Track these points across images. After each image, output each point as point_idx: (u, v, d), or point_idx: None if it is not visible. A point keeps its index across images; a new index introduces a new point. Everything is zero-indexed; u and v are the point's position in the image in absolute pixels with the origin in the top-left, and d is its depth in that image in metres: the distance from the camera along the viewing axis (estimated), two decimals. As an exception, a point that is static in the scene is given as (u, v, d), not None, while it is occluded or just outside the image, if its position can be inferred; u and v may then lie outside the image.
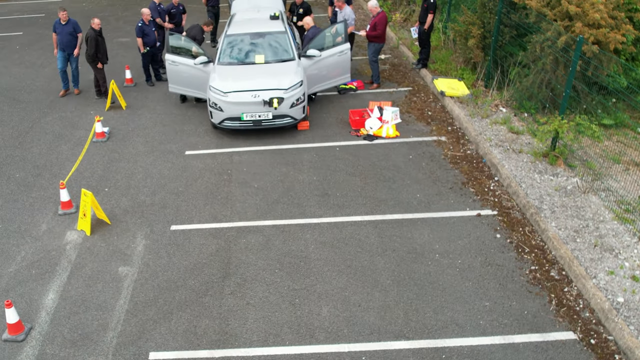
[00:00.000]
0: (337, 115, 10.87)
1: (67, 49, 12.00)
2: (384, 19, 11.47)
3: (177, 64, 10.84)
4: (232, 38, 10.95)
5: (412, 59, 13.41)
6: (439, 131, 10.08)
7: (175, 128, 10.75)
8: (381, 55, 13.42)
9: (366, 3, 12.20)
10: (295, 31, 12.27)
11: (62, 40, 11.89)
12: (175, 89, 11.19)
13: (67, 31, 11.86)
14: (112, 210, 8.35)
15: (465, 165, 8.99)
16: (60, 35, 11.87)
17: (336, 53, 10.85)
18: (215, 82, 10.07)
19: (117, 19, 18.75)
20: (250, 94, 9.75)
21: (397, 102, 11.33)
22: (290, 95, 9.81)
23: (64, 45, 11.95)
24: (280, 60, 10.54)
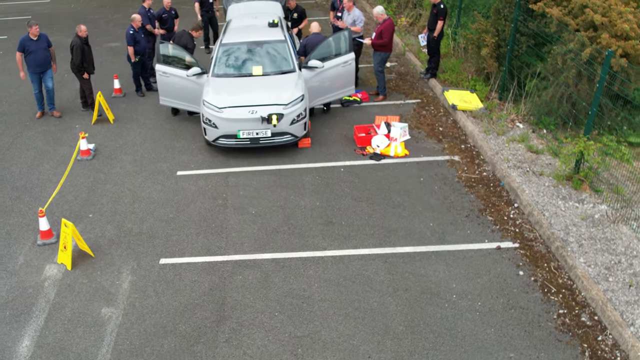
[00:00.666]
0: (341, 131, 10.31)
1: (42, 67, 10.91)
2: (391, 26, 10.91)
3: (169, 75, 10.28)
4: (227, 47, 10.39)
5: (419, 68, 12.86)
6: (452, 150, 9.53)
7: (166, 144, 10.19)
8: (387, 63, 12.85)
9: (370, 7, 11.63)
10: (295, 39, 11.71)
11: (36, 58, 10.76)
12: (167, 102, 10.63)
13: (42, 47, 10.80)
14: (96, 240, 7.78)
15: (482, 190, 8.43)
16: (34, 54, 10.73)
17: (340, 64, 10.30)
18: (209, 96, 9.51)
19: (107, 22, 18.18)
20: (247, 110, 9.19)
21: (405, 116, 10.78)
22: (291, 111, 9.25)
23: (39, 64, 10.83)
24: (279, 72, 9.98)
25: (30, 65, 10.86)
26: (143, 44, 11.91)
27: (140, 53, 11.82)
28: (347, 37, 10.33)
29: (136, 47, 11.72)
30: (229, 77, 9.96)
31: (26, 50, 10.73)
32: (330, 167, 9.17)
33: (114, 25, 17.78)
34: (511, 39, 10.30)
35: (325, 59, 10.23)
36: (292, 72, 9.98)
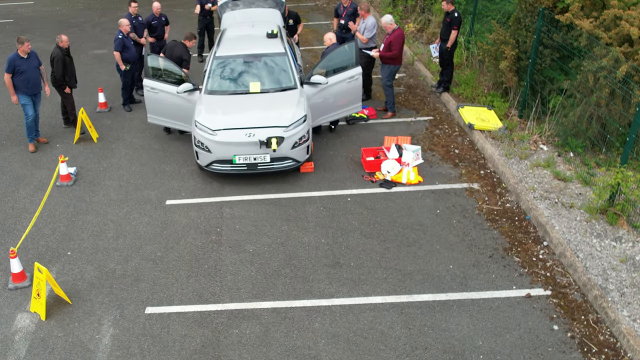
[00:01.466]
0: (347, 153, 9.64)
1: (36, 89, 9.89)
2: (401, 37, 10.25)
3: (157, 92, 9.60)
4: (221, 61, 9.71)
5: (430, 80, 12.19)
6: (470, 176, 8.86)
7: (154, 168, 9.50)
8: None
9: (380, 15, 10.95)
10: (296, 51, 11.03)
11: (29, 78, 9.69)
12: (155, 120, 9.96)
13: (34, 65, 9.80)
14: (75, 284, 7.10)
15: (506, 224, 7.77)
16: (27, 74, 9.65)
17: (345, 79, 9.62)
18: (202, 116, 8.84)
19: (94, 26, 17.49)
20: (243, 133, 8.52)
21: (416, 135, 10.11)
22: (292, 133, 8.58)
23: (32, 85, 9.79)
24: (279, 89, 9.31)
25: (22, 88, 9.71)
26: (133, 51, 11.23)
27: (130, 61, 11.15)
28: (354, 49, 9.66)
29: (125, 54, 11.05)
30: (224, 94, 9.29)
31: (17, 71, 9.58)
32: (336, 196, 8.50)
33: (101, 29, 17.08)
34: (533, 52, 9.64)
35: (329, 74, 9.57)
36: (294, 89, 9.31)
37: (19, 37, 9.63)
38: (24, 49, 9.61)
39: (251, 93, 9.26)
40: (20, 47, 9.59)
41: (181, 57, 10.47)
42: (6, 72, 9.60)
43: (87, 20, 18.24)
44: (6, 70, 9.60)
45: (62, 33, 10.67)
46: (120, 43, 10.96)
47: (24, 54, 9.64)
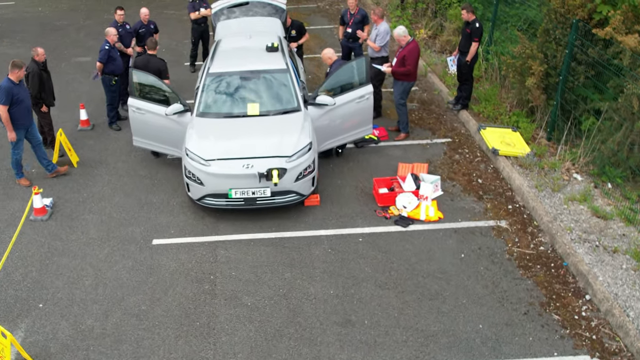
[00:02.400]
0: (357, 182, 8.87)
1: (30, 119, 8.84)
2: (416, 51, 9.48)
3: (144, 112, 8.82)
4: (215, 78, 8.93)
5: (447, 95, 11.42)
6: (497, 211, 8.10)
7: (140, 199, 8.73)
8: None
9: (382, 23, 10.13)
10: (298, 64, 10.25)
11: (28, 107, 8.66)
12: (141, 143, 9.18)
13: (27, 92, 8.82)
14: (46, 345, 6.33)
15: (541, 272, 7.01)
16: (24, 103, 8.58)
17: (354, 99, 8.85)
18: (193, 143, 8.07)
19: (78, 30, 16.69)
20: (240, 164, 7.75)
21: (433, 161, 9.34)
22: (296, 164, 7.81)
23: (29, 115, 8.74)
24: (281, 112, 8.53)
25: (20, 119, 8.58)
26: (119, 63, 10.47)
27: (116, 73, 10.38)
28: (364, 65, 8.89)
29: (111, 66, 10.28)
30: (218, 117, 8.51)
31: (14, 101, 8.43)
32: (346, 236, 7.73)
33: (86, 34, 16.28)
34: (565, 68, 8.88)
35: (336, 92, 8.80)
36: (297, 112, 8.54)
37: (15, 62, 8.47)
38: (19, 75, 8.47)
39: (249, 116, 8.48)
40: (16, 73, 8.44)
41: (159, 69, 9.69)
42: (2, 105, 8.36)
43: (71, 22, 17.44)
44: (3, 103, 8.34)
45: (39, 45, 9.94)
46: (105, 54, 10.19)
47: (18, 80, 8.49)
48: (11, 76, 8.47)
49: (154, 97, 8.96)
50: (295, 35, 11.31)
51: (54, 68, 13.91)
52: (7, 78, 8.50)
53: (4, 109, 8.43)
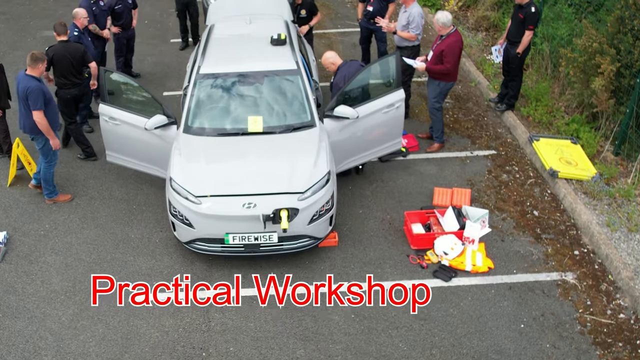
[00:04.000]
0: (382, 212, 7.53)
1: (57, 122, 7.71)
2: (458, 45, 7.99)
3: (119, 123, 7.41)
4: (208, 82, 7.47)
5: (486, 89, 9.94)
6: (560, 259, 6.78)
7: (115, 233, 7.39)
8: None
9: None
10: (310, 58, 8.74)
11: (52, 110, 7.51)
12: (116, 159, 7.82)
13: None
14: None
15: (625, 353, 5.74)
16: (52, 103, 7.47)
17: (382, 108, 7.42)
18: (179, 172, 6.69)
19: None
20: (239, 202, 6.39)
21: (476, 182, 7.98)
22: (311, 202, 6.45)
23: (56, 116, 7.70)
24: (290, 128, 7.10)
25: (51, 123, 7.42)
26: (92, 50, 8.99)
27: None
28: (396, 65, 7.42)
29: None
30: (211, 135, 7.09)
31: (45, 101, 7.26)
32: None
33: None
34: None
35: (358, 101, 7.37)
36: (311, 128, 7.12)
37: (35, 54, 7.22)
38: (41, 69, 7.28)
39: (250, 134, 7.06)
40: (39, 67, 7.23)
41: (81, 56, 8.20)
42: (39, 110, 7.17)
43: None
44: (39, 108, 7.16)
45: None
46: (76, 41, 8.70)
47: (39, 76, 7.31)
48: (33, 72, 7.21)
49: (131, 103, 7.54)
50: (306, 16, 9.74)
51: (16, 43, 12.40)
52: (28, 76, 7.19)
53: (41, 115, 7.19)
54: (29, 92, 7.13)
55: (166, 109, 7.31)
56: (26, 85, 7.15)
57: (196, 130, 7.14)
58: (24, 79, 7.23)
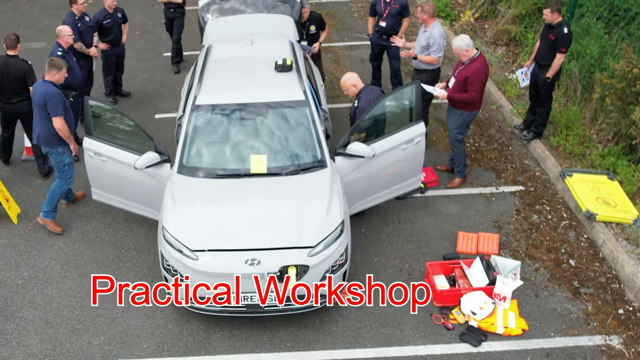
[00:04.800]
0: (400, 260, 6.90)
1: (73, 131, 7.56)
2: (484, 71, 7.37)
3: (106, 160, 6.77)
4: (204, 115, 6.83)
5: (509, 113, 9.32)
6: (602, 319, 6.16)
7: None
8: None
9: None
10: (318, 83, 8.09)
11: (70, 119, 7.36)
12: (103, 198, 7.19)
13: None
14: None
15: None
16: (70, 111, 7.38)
17: (401, 144, 6.80)
18: (172, 221, 6.07)
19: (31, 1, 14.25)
20: (242, 257, 5.76)
21: (503, 225, 7.35)
22: (322, 258, 5.82)
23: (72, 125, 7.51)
24: (298, 169, 6.46)
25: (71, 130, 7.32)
26: (78, 72, 8.36)
27: (74, 87, 8.27)
28: (416, 95, 6.80)
29: (68, 78, 8.14)
30: (209, 176, 6.45)
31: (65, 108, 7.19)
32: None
33: (42, 7, 13.90)
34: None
35: (374, 136, 6.75)
36: (321, 168, 6.48)
37: (54, 61, 7.09)
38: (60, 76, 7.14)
39: (252, 176, 6.42)
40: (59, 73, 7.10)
41: (22, 74, 7.77)
42: (59, 116, 7.02)
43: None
44: (59, 114, 7.02)
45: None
46: None
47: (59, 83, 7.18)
48: (51, 79, 7.05)
49: (118, 136, 6.91)
50: (315, 32, 9.09)
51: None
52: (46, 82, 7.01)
53: (62, 121, 7.04)
54: (48, 98, 6.91)
55: (158, 145, 6.67)
56: (44, 90, 6.94)
57: (192, 170, 6.50)
58: (41, 85, 7.02)
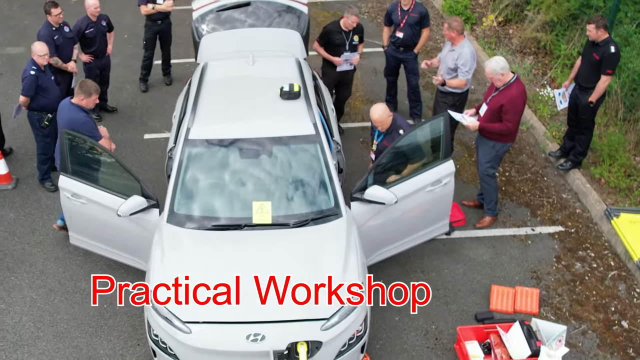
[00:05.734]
0: (424, 320, 6.13)
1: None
2: (522, 97, 6.56)
3: (85, 202, 5.98)
4: (198, 151, 6.03)
5: (542, 136, 8.52)
6: (667, 401, 5.40)
7: (79, 347, 5.97)
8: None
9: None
10: (329, 112, 7.24)
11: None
12: (83, 243, 6.41)
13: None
14: None
15: None
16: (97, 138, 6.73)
17: (426, 185, 6.01)
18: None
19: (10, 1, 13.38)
20: (243, 332, 4.98)
21: (542, 275, 6.57)
22: (339, 331, 5.04)
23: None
24: (307, 219, 5.66)
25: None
26: (54, 94, 7.52)
27: (50, 110, 7.44)
28: (445, 129, 6.00)
29: (42, 99, 7.42)
30: (203, 228, 5.64)
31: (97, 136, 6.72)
32: None
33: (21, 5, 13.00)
34: None
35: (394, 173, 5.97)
36: (335, 218, 5.68)
37: (87, 83, 6.58)
38: (88, 102, 6.62)
39: (254, 228, 5.61)
40: (87, 100, 6.57)
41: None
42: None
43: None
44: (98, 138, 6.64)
45: None
46: (32, 83, 7.26)
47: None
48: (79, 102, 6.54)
49: (100, 173, 6.11)
50: (358, 43, 8.18)
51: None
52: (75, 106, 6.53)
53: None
54: (78, 126, 6.36)
55: (145, 188, 5.87)
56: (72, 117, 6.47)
57: (184, 219, 5.70)
58: (67, 108, 6.56)
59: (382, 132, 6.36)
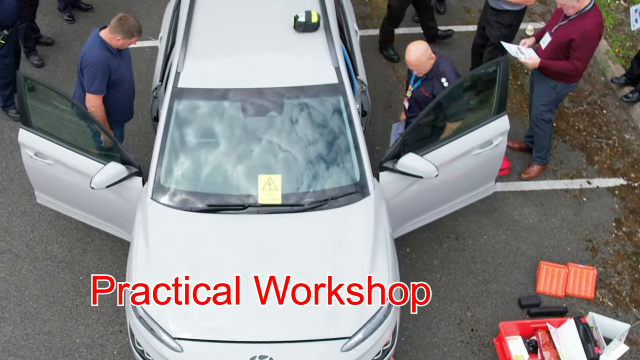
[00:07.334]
0: (458, 304, 5.40)
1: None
2: (597, 30, 5.35)
3: (51, 162, 5.00)
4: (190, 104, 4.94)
5: (603, 53, 7.30)
6: None
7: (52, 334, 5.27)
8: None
9: None
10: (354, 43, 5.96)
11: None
12: (51, 204, 5.51)
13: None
14: None
15: None
16: None
17: (473, 148, 5.01)
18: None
19: None
20: (245, 352, 4.23)
21: (599, 246, 5.75)
22: (362, 353, 4.29)
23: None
24: (326, 199, 4.69)
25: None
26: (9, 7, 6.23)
27: (5, 25, 6.21)
28: (502, 77, 4.89)
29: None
30: (196, 209, 4.69)
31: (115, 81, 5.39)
32: None
33: None
34: None
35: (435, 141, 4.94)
36: (362, 197, 4.71)
37: (127, 22, 5.08)
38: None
39: (260, 208, 4.67)
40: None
41: None
42: (95, 94, 5.29)
43: None
44: (95, 90, 5.28)
45: None
46: None
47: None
48: (110, 40, 5.21)
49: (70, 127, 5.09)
50: None
51: None
52: (100, 40, 5.20)
53: (96, 101, 5.30)
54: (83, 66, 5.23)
55: (125, 152, 4.86)
56: (85, 52, 5.21)
57: (173, 196, 4.73)
58: (91, 40, 5.29)
59: (420, 77, 5.23)
